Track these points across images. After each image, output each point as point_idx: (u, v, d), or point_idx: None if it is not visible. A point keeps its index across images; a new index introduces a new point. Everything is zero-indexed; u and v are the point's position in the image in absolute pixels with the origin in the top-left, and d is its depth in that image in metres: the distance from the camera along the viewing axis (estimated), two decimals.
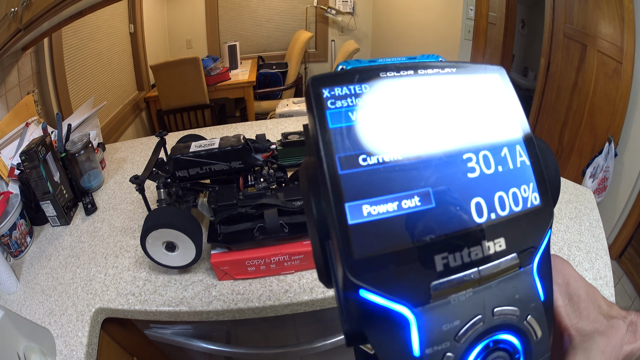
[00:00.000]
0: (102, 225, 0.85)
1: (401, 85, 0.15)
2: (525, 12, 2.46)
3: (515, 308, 0.15)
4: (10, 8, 0.94)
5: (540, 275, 0.16)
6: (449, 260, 0.14)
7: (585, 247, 0.72)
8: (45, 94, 1.43)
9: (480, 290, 0.14)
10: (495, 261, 0.14)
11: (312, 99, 0.14)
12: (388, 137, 0.14)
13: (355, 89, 0.15)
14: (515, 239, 0.15)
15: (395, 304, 0.13)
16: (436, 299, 0.14)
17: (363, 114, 0.14)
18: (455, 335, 0.14)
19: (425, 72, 0.16)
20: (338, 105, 0.14)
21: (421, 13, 2.55)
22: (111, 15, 2.17)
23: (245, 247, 0.65)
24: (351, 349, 0.18)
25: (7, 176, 0.88)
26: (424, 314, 0.14)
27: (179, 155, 0.67)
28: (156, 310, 0.64)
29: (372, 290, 0.13)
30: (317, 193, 0.15)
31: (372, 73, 0.15)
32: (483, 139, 0.15)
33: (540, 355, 0.15)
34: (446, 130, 0.15)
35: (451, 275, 0.14)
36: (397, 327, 0.14)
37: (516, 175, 0.15)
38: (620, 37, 1.46)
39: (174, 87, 2.33)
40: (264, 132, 0.98)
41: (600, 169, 1.53)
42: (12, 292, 0.69)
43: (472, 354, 0.14)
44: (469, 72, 0.16)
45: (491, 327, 0.14)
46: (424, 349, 0.14)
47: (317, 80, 0.15)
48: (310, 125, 0.15)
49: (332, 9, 2.98)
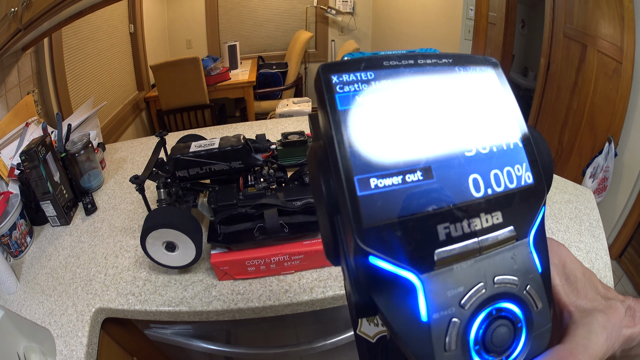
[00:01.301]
0: (102, 225, 0.85)
1: (402, 73, 0.17)
2: (525, 12, 2.46)
3: (515, 277, 0.16)
4: (10, 8, 0.94)
5: (536, 249, 0.17)
6: (450, 230, 0.15)
7: (585, 247, 0.72)
8: (45, 94, 1.43)
9: (480, 259, 0.15)
10: (493, 232, 0.15)
11: (322, 84, 0.16)
12: (392, 118, 0.16)
13: (361, 76, 0.16)
14: (511, 213, 0.16)
15: (402, 270, 0.14)
16: (440, 267, 0.15)
17: (368, 98, 0.16)
18: (459, 301, 0.15)
19: (424, 61, 0.17)
20: (346, 90, 0.16)
21: (421, 13, 2.55)
22: (111, 15, 2.17)
23: (245, 247, 0.65)
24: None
25: (7, 176, 0.88)
26: (430, 280, 0.15)
27: (179, 155, 0.67)
28: (156, 310, 0.64)
29: (381, 256, 0.14)
30: (326, 172, 0.16)
31: (377, 62, 0.16)
32: (479, 122, 0.17)
33: (542, 326, 0.16)
34: (445, 113, 0.17)
35: (453, 244, 0.15)
36: (405, 293, 0.15)
37: (510, 155, 0.17)
38: (620, 37, 1.46)
39: (174, 87, 2.33)
40: (264, 132, 0.98)
41: (600, 169, 1.53)
42: (12, 292, 0.69)
43: (476, 321, 0.15)
44: (464, 62, 0.18)
45: (493, 295, 0.15)
46: (431, 314, 0.14)
47: (326, 67, 0.16)
48: (320, 109, 0.16)
49: (332, 9, 2.98)
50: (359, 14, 3.09)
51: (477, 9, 2.10)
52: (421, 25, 2.58)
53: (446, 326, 0.15)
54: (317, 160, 0.17)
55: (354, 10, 3.05)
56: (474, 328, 0.15)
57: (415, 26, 2.65)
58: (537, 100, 2.02)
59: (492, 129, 0.17)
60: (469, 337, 0.15)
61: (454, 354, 0.15)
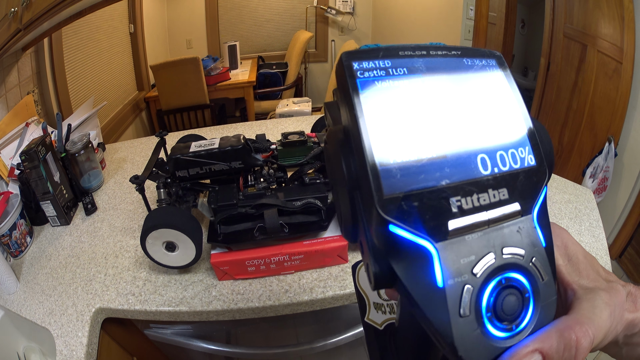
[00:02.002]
0: (102, 225, 0.85)
1: (416, 62, 0.18)
2: (525, 12, 2.45)
3: (522, 249, 0.17)
4: (10, 8, 0.94)
5: (540, 225, 0.18)
6: (462, 203, 0.16)
7: (585, 247, 0.72)
8: (45, 94, 1.43)
9: (489, 231, 0.17)
10: (500, 207, 0.17)
11: (345, 70, 0.17)
12: (408, 102, 0.17)
13: (380, 63, 0.18)
14: (516, 191, 0.17)
15: (419, 238, 0.16)
16: (453, 236, 0.16)
17: (386, 83, 0.17)
18: (471, 269, 0.16)
19: (435, 52, 0.19)
20: (366, 75, 0.17)
21: (421, 13, 2.55)
22: (111, 15, 2.16)
23: (245, 247, 0.65)
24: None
25: (7, 176, 0.88)
26: (444, 248, 0.16)
27: (179, 155, 0.67)
28: (156, 310, 0.64)
29: (399, 225, 0.15)
30: (346, 151, 0.18)
31: (393, 51, 0.18)
32: (486, 109, 0.18)
33: (548, 297, 0.17)
34: (455, 99, 0.18)
35: (464, 216, 0.16)
36: (422, 260, 0.16)
37: (514, 139, 0.18)
38: (620, 37, 1.46)
39: (174, 87, 2.33)
40: (264, 132, 0.98)
41: (600, 169, 1.53)
42: (12, 292, 0.69)
43: (487, 288, 0.16)
44: (471, 54, 0.20)
45: (502, 265, 0.16)
46: (447, 280, 0.15)
47: (349, 54, 0.18)
48: (341, 92, 0.18)
49: (332, 9, 2.98)
50: (359, 14, 3.09)
51: (477, 9, 2.10)
52: (421, 25, 2.58)
53: (460, 292, 0.16)
54: (338, 141, 0.18)
55: (354, 10, 3.05)
56: (486, 295, 0.16)
57: (415, 26, 2.65)
58: (537, 100, 2.02)
59: (497, 115, 0.18)
60: (482, 304, 0.16)
61: (468, 320, 0.15)
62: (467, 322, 0.16)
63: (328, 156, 0.20)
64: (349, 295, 0.65)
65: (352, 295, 0.65)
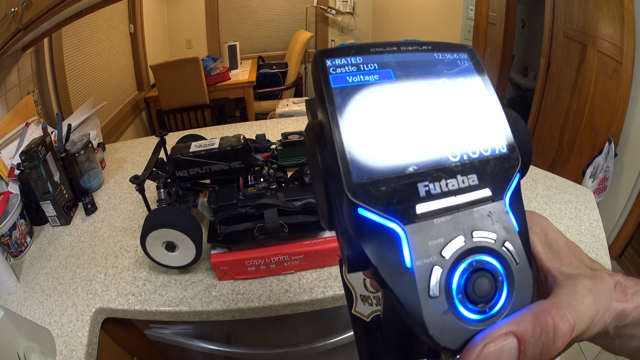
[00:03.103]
0: (102, 225, 0.85)
1: (387, 57, 0.19)
2: (525, 12, 2.45)
3: (493, 233, 0.17)
4: (10, 8, 0.94)
5: (512, 210, 0.18)
6: (430, 188, 0.17)
7: (585, 247, 0.72)
8: (45, 94, 1.43)
9: (459, 215, 0.17)
10: (469, 192, 0.17)
11: (318, 67, 0.18)
12: (378, 95, 0.18)
13: (351, 60, 0.18)
14: (486, 176, 0.18)
15: (387, 221, 0.16)
16: (421, 219, 0.17)
17: (357, 78, 0.18)
18: (440, 251, 0.16)
19: (406, 48, 0.19)
20: (338, 72, 0.18)
21: (421, 13, 2.55)
22: (111, 15, 2.16)
23: (245, 247, 0.65)
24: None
25: (7, 176, 0.88)
26: (412, 231, 0.16)
27: (179, 155, 0.67)
28: (156, 310, 0.64)
29: (368, 208, 0.16)
30: (321, 142, 0.18)
31: (365, 48, 0.19)
32: (456, 99, 0.19)
33: (523, 281, 0.17)
34: (424, 90, 0.19)
35: (432, 200, 0.17)
36: (391, 241, 0.16)
37: (484, 128, 0.19)
38: (620, 37, 1.46)
39: (174, 87, 2.33)
40: (264, 132, 0.98)
41: (600, 169, 1.53)
42: (12, 292, 0.69)
43: (457, 270, 0.16)
44: (442, 48, 0.20)
45: (472, 248, 0.17)
46: (414, 261, 0.16)
47: (322, 52, 0.19)
48: (315, 88, 0.19)
49: (332, 9, 2.98)
50: (359, 14, 3.09)
51: (477, 9, 2.10)
52: (421, 25, 2.58)
53: (429, 273, 0.16)
54: (314, 133, 0.19)
55: (354, 10, 3.05)
56: (456, 277, 0.16)
57: (415, 26, 2.65)
58: (537, 100, 2.02)
59: (467, 105, 0.19)
60: (452, 285, 0.16)
61: (438, 301, 0.16)
62: (436, 303, 0.16)
63: (306, 148, 0.21)
64: None
65: None
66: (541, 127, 2.03)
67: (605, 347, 0.22)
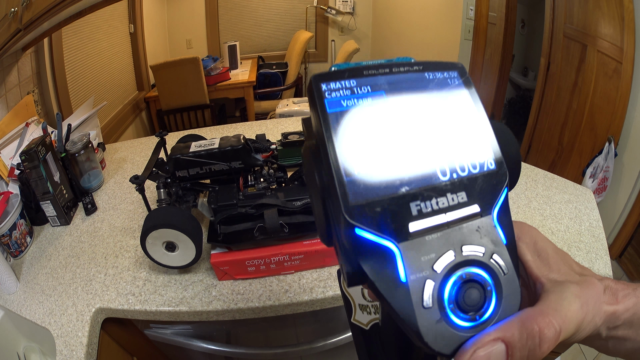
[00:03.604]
0: (102, 225, 0.85)
1: (380, 79, 0.20)
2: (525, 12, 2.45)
3: (481, 247, 0.18)
4: (10, 8, 0.94)
5: (500, 224, 0.19)
6: (421, 207, 0.18)
7: (585, 247, 0.72)
8: (45, 94, 1.43)
9: (449, 232, 0.18)
10: (458, 209, 0.18)
11: (314, 91, 0.19)
12: (371, 117, 0.19)
13: (346, 83, 0.19)
14: (475, 193, 0.19)
15: (382, 240, 0.17)
16: (414, 237, 0.18)
17: (351, 101, 0.19)
18: (432, 265, 0.17)
19: (398, 69, 0.20)
20: (333, 96, 0.19)
21: (421, 13, 2.55)
22: (111, 15, 2.16)
23: (245, 247, 0.65)
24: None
25: (7, 176, 0.88)
26: (406, 248, 0.17)
27: (179, 155, 0.67)
28: (156, 310, 0.64)
29: (364, 228, 0.17)
30: (319, 164, 0.19)
31: (358, 71, 0.20)
32: (446, 119, 0.20)
33: (511, 290, 0.18)
34: (416, 110, 0.20)
35: (423, 218, 0.18)
36: (386, 258, 0.17)
37: (473, 146, 0.20)
38: (620, 37, 1.46)
39: (174, 87, 2.33)
40: (264, 132, 0.98)
41: (600, 169, 1.53)
42: (12, 292, 0.69)
43: (448, 282, 0.17)
44: (432, 68, 0.21)
45: (462, 262, 0.18)
46: (409, 276, 0.17)
47: (317, 77, 0.19)
48: (312, 111, 0.19)
49: (332, 9, 2.98)
50: (359, 14, 3.09)
51: (477, 9, 2.10)
52: (421, 25, 2.58)
53: (422, 286, 0.17)
54: (311, 155, 0.20)
55: (354, 10, 3.05)
56: (447, 289, 0.17)
57: (415, 26, 2.65)
58: (537, 100, 2.02)
59: (457, 124, 0.20)
60: (444, 297, 0.17)
61: (431, 311, 0.17)
62: (430, 313, 0.17)
63: (304, 167, 0.22)
64: None
65: None
66: (541, 127, 2.03)
67: (599, 348, 0.22)
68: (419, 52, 2.66)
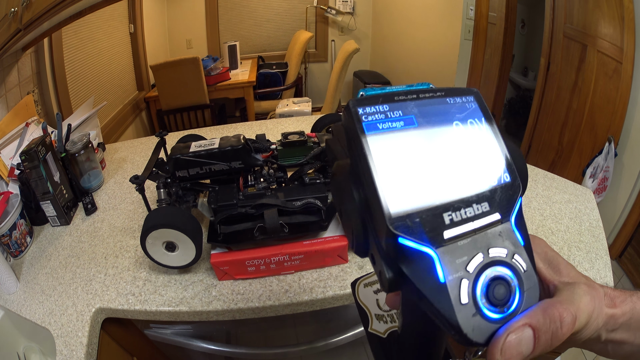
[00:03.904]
0: (102, 225, 0.85)
1: (409, 105, 0.22)
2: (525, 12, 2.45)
3: (504, 249, 0.21)
4: (10, 8, 0.94)
5: (518, 228, 0.22)
6: (453, 216, 0.20)
7: (585, 247, 0.72)
8: (45, 94, 1.43)
9: (477, 237, 0.21)
10: (483, 218, 0.21)
11: (352, 115, 0.21)
12: (404, 139, 0.21)
13: (380, 108, 0.22)
14: (495, 203, 0.22)
15: (422, 246, 0.20)
16: (448, 243, 0.20)
17: (386, 124, 0.21)
18: (465, 267, 0.20)
19: (424, 95, 0.23)
20: (370, 119, 0.21)
21: (421, 13, 2.55)
22: (111, 15, 2.16)
23: (245, 247, 0.65)
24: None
25: (7, 176, 0.88)
26: (443, 253, 0.20)
27: (179, 155, 0.67)
28: (156, 310, 0.64)
29: (406, 237, 0.19)
30: (356, 182, 0.22)
31: (390, 97, 0.22)
32: (467, 141, 0.23)
33: (530, 284, 0.21)
34: (441, 132, 0.22)
35: (455, 227, 0.20)
36: (426, 263, 0.20)
37: (491, 162, 0.22)
38: (620, 37, 1.46)
39: (174, 87, 2.33)
40: (264, 132, 0.98)
41: (600, 169, 1.53)
42: (12, 292, 0.69)
43: (480, 281, 0.20)
44: (452, 93, 0.24)
45: (489, 262, 0.20)
46: (447, 277, 0.19)
47: (354, 102, 0.21)
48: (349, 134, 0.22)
49: (332, 9, 2.98)
50: (359, 14, 3.09)
51: (477, 9, 2.10)
52: (421, 25, 2.58)
53: (458, 285, 0.20)
54: (346, 173, 0.23)
55: (354, 10, 3.05)
56: (479, 286, 0.20)
57: (415, 26, 2.65)
58: (537, 100, 2.02)
59: (477, 144, 0.23)
60: (477, 293, 0.20)
61: (468, 307, 0.19)
62: (467, 308, 0.19)
63: (337, 185, 0.24)
64: (349, 295, 0.65)
65: (352, 296, 0.65)
66: (541, 127, 2.03)
67: (599, 352, 0.24)
68: (419, 52, 2.65)
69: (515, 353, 0.19)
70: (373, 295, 0.39)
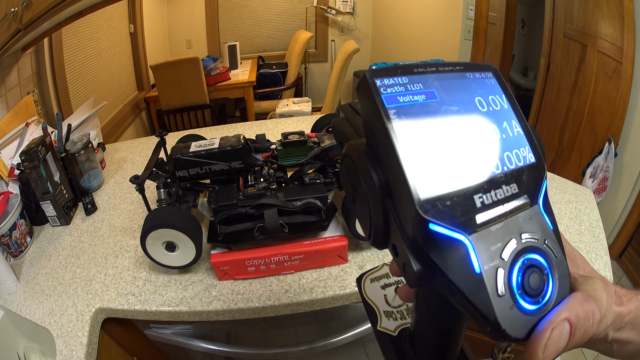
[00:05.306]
0: (102, 225, 0.85)
1: (429, 77, 0.20)
2: (525, 12, 2.45)
3: (535, 234, 0.19)
4: (10, 8, 0.94)
5: (545, 212, 0.20)
6: (484, 199, 0.18)
7: (585, 247, 0.72)
8: (45, 94, 1.43)
9: (508, 221, 0.19)
10: (513, 200, 0.19)
11: (370, 86, 0.19)
12: (427, 113, 0.19)
13: (399, 80, 0.19)
14: (523, 185, 0.20)
15: (455, 233, 0.18)
16: (481, 228, 0.18)
17: (407, 97, 0.19)
18: (500, 254, 0.18)
19: (443, 68, 0.21)
20: (389, 91, 0.19)
21: (421, 13, 2.55)
22: (111, 15, 2.16)
23: (245, 247, 0.65)
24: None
25: (7, 176, 0.88)
26: (476, 239, 0.18)
27: (179, 155, 0.67)
28: (156, 310, 0.64)
29: (438, 222, 0.17)
30: (375, 162, 0.19)
31: (408, 68, 0.20)
32: (492, 117, 0.21)
33: (561, 271, 0.20)
34: (464, 108, 0.20)
35: (487, 210, 0.18)
36: (460, 251, 0.18)
37: (515, 142, 0.21)
38: (620, 37, 1.46)
39: (174, 87, 2.33)
40: (264, 132, 0.98)
41: (600, 169, 1.53)
42: (12, 292, 0.69)
43: (515, 269, 0.18)
44: (472, 68, 0.22)
45: (523, 249, 0.19)
46: (482, 266, 0.18)
47: (372, 72, 0.19)
48: (366, 109, 0.19)
49: (332, 9, 2.98)
50: (359, 14, 3.09)
51: (477, 9, 2.10)
52: (421, 25, 2.58)
53: (495, 275, 0.18)
54: (362, 153, 0.20)
55: (354, 10, 3.05)
56: (514, 275, 0.18)
57: (415, 26, 2.65)
58: (537, 100, 2.02)
59: (501, 120, 0.21)
60: (512, 283, 0.18)
61: (505, 298, 0.18)
62: (504, 300, 0.18)
63: (350, 168, 0.22)
64: (349, 295, 0.65)
65: (352, 295, 0.65)
66: (541, 127, 2.03)
67: (604, 352, 0.24)
68: (419, 52, 2.65)
69: (554, 349, 0.18)
70: (380, 290, 0.36)
